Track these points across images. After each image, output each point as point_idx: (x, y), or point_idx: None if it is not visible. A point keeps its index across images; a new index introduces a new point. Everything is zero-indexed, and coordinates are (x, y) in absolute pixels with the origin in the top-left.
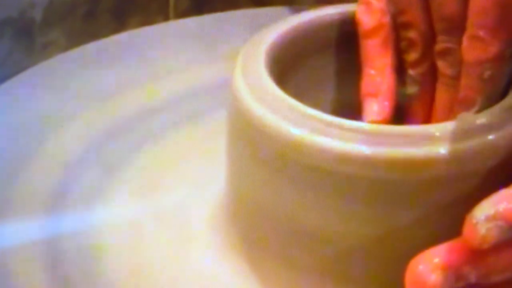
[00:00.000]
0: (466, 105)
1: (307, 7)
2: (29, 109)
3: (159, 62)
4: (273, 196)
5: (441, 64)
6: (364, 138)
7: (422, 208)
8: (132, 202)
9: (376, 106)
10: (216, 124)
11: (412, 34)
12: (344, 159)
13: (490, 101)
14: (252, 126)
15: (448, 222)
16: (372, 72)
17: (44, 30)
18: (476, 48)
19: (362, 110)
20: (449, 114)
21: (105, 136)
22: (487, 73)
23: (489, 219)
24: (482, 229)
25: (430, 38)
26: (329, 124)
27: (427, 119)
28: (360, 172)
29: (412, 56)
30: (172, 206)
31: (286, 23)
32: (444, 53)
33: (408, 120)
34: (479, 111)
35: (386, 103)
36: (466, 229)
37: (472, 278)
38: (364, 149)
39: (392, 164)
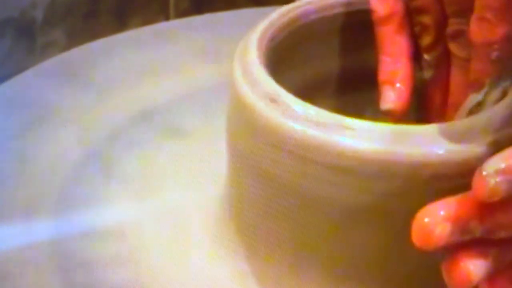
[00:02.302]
0: (476, 86)
1: None
2: (30, 108)
3: (160, 62)
4: (274, 195)
5: (453, 47)
6: (361, 135)
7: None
8: (133, 203)
9: (392, 94)
10: (217, 124)
11: (425, 18)
12: (343, 155)
13: (499, 82)
14: (254, 123)
15: None
16: (388, 59)
17: (45, 30)
18: (483, 29)
19: (379, 98)
20: (464, 96)
21: (105, 136)
22: (494, 54)
23: (499, 172)
24: (491, 182)
25: (442, 21)
26: (326, 121)
27: (444, 103)
28: (359, 168)
29: (426, 40)
30: (173, 206)
31: (283, 13)
32: (456, 35)
33: (424, 105)
34: (488, 92)
35: (403, 90)
36: (476, 182)
37: (478, 232)
38: (360, 144)
39: (389, 163)
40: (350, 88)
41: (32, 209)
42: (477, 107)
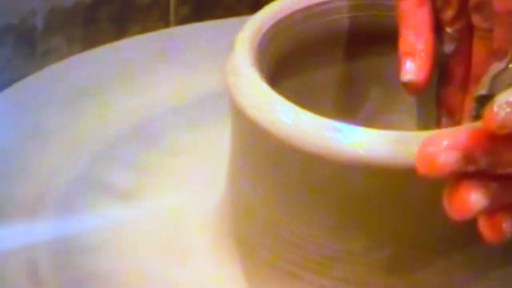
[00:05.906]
0: (499, 55)
1: None
2: (30, 115)
3: (160, 69)
4: (271, 199)
5: (476, 18)
6: (353, 140)
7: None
8: (130, 205)
9: (413, 65)
10: (216, 130)
11: None
12: (338, 158)
13: None
14: (249, 126)
15: None
16: (409, 32)
17: (45, 37)
18: None
19: (399, 70)
20: (487, 69)
21: (105, 140)
22: None
23: (509, 104)
24: (502, 113)
25: None
26: (325, 125)
27: (466, 77)
28: (359, 175)
29: (448, 13)
30: (171, 209)
31: (266, 10)
32: (478, 6)
33: (446, 79)
34: (510, 61)
35: (425, 61)
36: (486, 114)
37: (483, 164)
38: (354, 150)
39: (385, 169)
40: (351, 57)
41: (27, 210)
42: (501, 74)
